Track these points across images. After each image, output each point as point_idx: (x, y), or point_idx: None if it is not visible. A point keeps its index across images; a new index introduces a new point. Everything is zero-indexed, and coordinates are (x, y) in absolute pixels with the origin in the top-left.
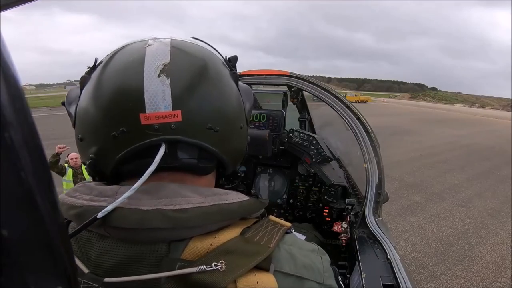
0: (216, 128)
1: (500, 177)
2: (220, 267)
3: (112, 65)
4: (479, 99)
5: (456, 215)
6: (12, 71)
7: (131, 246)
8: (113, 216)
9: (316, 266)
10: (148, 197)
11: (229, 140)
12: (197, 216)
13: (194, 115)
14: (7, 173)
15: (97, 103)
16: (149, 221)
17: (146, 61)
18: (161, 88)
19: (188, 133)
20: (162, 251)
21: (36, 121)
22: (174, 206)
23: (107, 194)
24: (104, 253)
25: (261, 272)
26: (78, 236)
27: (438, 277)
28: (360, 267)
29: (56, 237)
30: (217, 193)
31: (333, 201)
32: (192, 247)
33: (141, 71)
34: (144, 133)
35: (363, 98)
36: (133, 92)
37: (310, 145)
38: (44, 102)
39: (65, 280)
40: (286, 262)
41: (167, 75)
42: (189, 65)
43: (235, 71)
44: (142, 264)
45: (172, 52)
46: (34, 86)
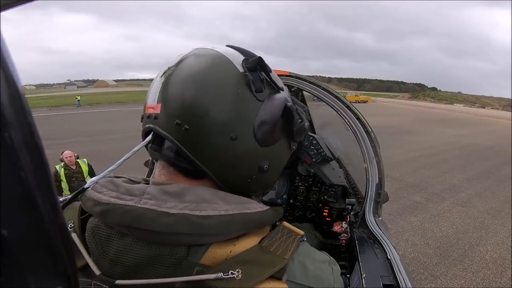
0: (186, 126)
1: (500, 177)
2: (237, 275)
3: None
4: (479, 99)
5: (456, 215)
6: (12, 71)
7: (152, 247)
8: (140, 218)
9: (326, 277)
10: (174, 200)
11: (206, 146)
12: (220, 224)
13: (168, 109)
14: (7, 173)
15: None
16: (174, 226)
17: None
18: (158, 86)
19: (163, 126)
20: (181, 254)
21: (36, 121)
22: (200, 212)
23: (134, 193)
24: (123, 252)
25: (275, 281)
26: (96, 230)
27: (438, 277)
28: (360, 267)
29: (56, 237)
30: (242, 201)
31: (333, 201)
32: (211, 253)
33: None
34: (146, 120)
35: (363, 98)
36: (150, 87)
37: (310, 145)
38: (44, 102)
39: (65, 280)
40: (298, 273)
41: (165, 76)
42: (184, 67)
43: (247, 73)
44: (161, 265)
45: (182, 58)
46: (34, 86)
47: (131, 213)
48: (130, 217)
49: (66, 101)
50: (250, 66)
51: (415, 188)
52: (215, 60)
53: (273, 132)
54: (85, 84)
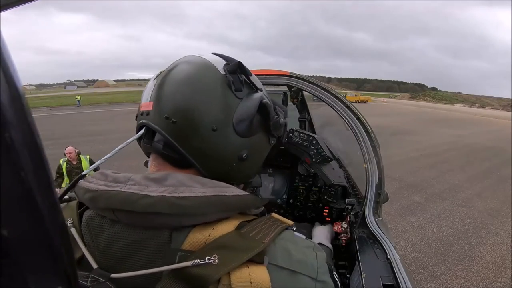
0: (173, 120)
1: (500, 177)
2: (213, 260)
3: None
4: (479, 99)
5: (456, 215)
6: (12, 71)
7: (137, 231)
8: (123, 200)
9: (310, 262)
10: (155, 184)
11: (192, 137)
12: (197, 205)
13: (159, 106)
14: (7, 173)
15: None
16: (154, 206)
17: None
18: (151, 86)
19: (154, 120)
20: (164, 238)
21: (36, 121)
22: (178, 194)
23: (120, 180)
24: (113, 239)
25: (255, 265)
26: (90, 221)
27: (438, 277)
28: (360, 267)
29: (56, 237)
30: (219, 185)
31: (333, 201)
32: (192, 238)
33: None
34: (140, 118)
35: (363, 98)
36: (144, 90)
37: (310, 145)
38: (44, 102)
39: (65, 280)
40: (281, 256)
41: (158, 78)
42: (173, 71)
43: (227, 75)
44: (146, 249)
45: (173, 64)
46: (34, 86)
47: (116, 197)
48: (115, 200)
49: (66, 101)
50: (231, 69)
51: (415, 188)
52: (201, 64)
53: (251, 125)
54: (85, 84)
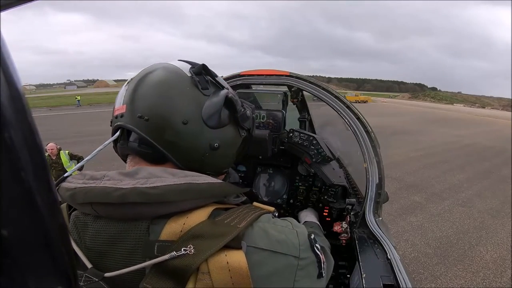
0: (146, 118)
1: (500, 177)
2: (189, 251)
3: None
4: (479, 99)
5: (456, 215)
6: (12, 71)
7: (118, 224)
8: (99, 194)
9: (290, 241)
10: (128, 178)
11: (165, 132)
12: (168, 192)
13: (131, 107)
14: (7, 173)
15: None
16: (126, 196)
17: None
18: (122, 91)
19: (128, 121)
20: (143, 229)
21: (36, 121)
22: (149, 184)
23: (96, 177)
24: (96, 234)
25: (232, 250)
26: (76, 220)
27: (438, 277)
28: (360, 267)
29: (56, 237)
30: (189, 174)
31: (333, 201)
32: (168, 228)
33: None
34: (114, 122)
35: (363, 98)
36: (117, 96)
37: (310, 145)
38: (44, 102)
39: (65, 280)
40: (260, 238)
41: (128, 84)
42: (142, 76)
43: (193, 76)
44: (126, 241)
45: (143, 71)
46: (34, 86)
47: (92, 191)
48: (91, 195)
49: (66, 101)
50: (196, 71)
51: (415, 188)
52: (168, 69)
53: (219, 117)
54: (85, 84)
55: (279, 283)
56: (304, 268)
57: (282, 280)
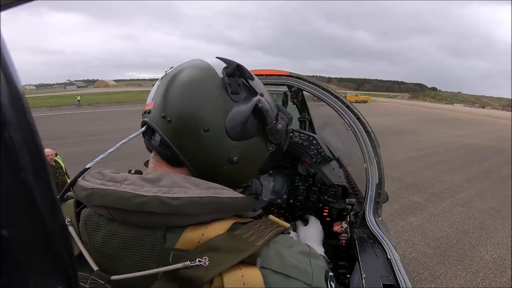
0: (168, 119)
1: (500, 177)
2: (204, 263)
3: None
4: (479, 99)
5: (456, 215)
6: (12, 71)
7: (133, 229)
8: (117, 198)
9: (303, 268)
10: (150, 185)
11: (185, 137)
12: (190, 205)
13: (157, 105)
14: (7, 173)
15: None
16: (146, 205)
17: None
18: (155, 87)
19: (153, 119)
20: (159, 237)
21: (36, 121)
22: (171, 194)
23: (116, 180)
24: (109, 237)
25: (248, 267)
26: (88, 220)
27: (438, 277)
28: (360, 267)
29: (56, 237)
30: (213, 187)
31: (333, 201)
32: (185, 237)
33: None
34: (143, 115)
35: (363, 98)
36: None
37: (310, 145)
38: (44, 102)
39: (65, 280)
40: (274, 260)
41: (161, 80)
42: (175, 73)
43: (224, 78)
44: (140, 247)
45: (178, 67)
46: (34, 86)
47: (111, 195)
48: (109, 198)
49: (66, 101)
50: (229, 72)
51: (415, 188)
52: (200, 67)
53: (244, 128)
54: (85, 84)
55: None
56: None
57: None
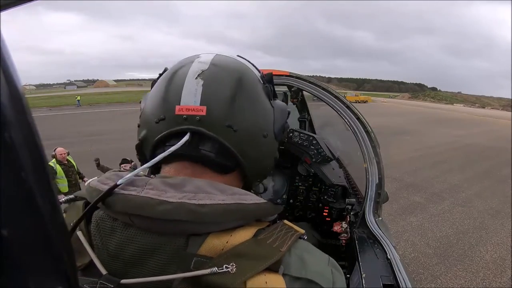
0: (235, 128)
1: (500, 177)
2: (231, 269)
3: (170, 70)
4: (479, 99)
5: (456, 215)
6: (12, 71)
7: (153, 236)
8: (141, 205)
9: (326, 275)
10: (174, 190)
11: (248, 144)
12: (217, 212)
13: (217, 112)
14: (7, 173)
15: (152, 96)
16: (172, 213)
17: (191, 67)
18: (195, 87)
19: (209, 127)
20: (180, 244)
21: (36, 121)
22: (197, 201)
23: (137, 184)
24: (126, 242)
25: (271, 273)
26: (101, 224)
27: (438, 277)
28: (360, 267)
29: (56, 237)
30: (237, 192)
31: (333, 201)
32: (209, 243)
33: (186, 75)
34: (177, 121)
35: (363, 98)
36: (176, 88)
37: (310, 145)
38: (44, 102)
39: (65, 280)
40: (296, 266)
41: (202, 78)
42: (222, 73)
43: (267, 85)
44: (161, 254)
45: (212, 62)
46: (34, 86)
47: (133, 202)
48: (131, 205)
49: (66, 101)
50: (267, 79)
51: (415, 188)
52: (247, 71)
53: (283, 130)
54: (85, 84)
55: None
56: None
57: None
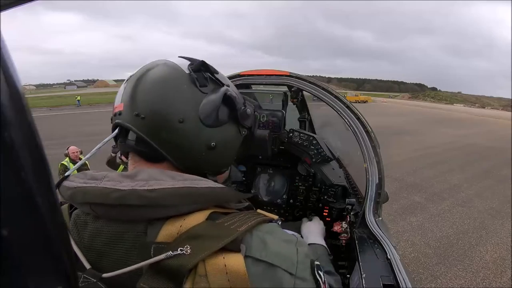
0: (142, 116)
1: (500, 177)
2: (185, 251)
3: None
4: (479, 99)
5: (456, 215)
6: (12, 71)
7: (116, 225)
8: (97, 194)
9: (288, 257)
10: (128, 180)
11: (162, 130)
12: (166, 196)
13: (129, 106)
14: (7, 173)
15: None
16: (125, 199)
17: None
18: (121, 89)
19: (125, 119)
20: (140, 231)
21: (36, 121)
22: (148, 187)
23: (96, 177)
24: (96, 234)
25: (230, 253)
26: (77, 219)
27: (438, 277)
28: (360, 267)
29: (56, 237)
30: (189, 178)
31: (333, 201)
32: (165, 230)
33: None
34: (112, 118)
35: (363, 98)
36: (117, 94)
37: (310, 145)
38: (44, 102)
39: (65, 280)
40: (257, 248)
41: (127, 81)
42: (141, 73)
43: (192, 74)
44: (123, 242)
45: (142, 68)
46: (34, 86)
47: (91, 192)
48: (90, 195)
49: (66, 101)
50: (194, 68)
51: (415, 188)
52: (166, 66)
53: (216, 115)
54: (85, 84)
55: None
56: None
57: None
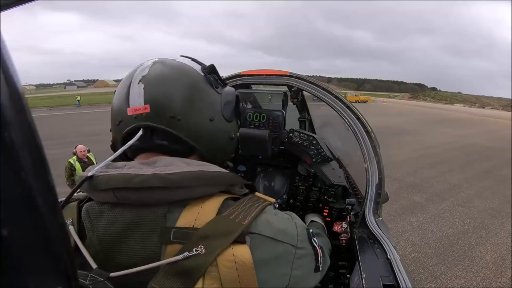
0: (178, 117)
1: (500, 177)
2: (200, 251)
3: (121, 81)
4: (479, 99)
5: (456, 215)
6: (12, 71)
7: (135, 209)
8: (121, 179)
9: (290, 231)
10: (148, 166)
11: (196, 128)
12: (184, 178)
13: (159, 108)
14: (7, 173)
15: (112, 105)
16: (147, 181)
17: (134, 75)
18: (138, 91)
19: (155, 121)
20: (160, 214)
21: (36, 121)
22: (168, 171)
23: (117, 166)
24: (113, 220)
25: (237, 244)
26: (90, 209)
27: (438, 277)
28: (360, 267)
29: (56, 237)
30: (202, 164)
31: (333, 201)
32: (183, 217)
33: (131, 82)
34: (130, 121)
35: (363, 98)
36: (126, 94)
37: (310, 145)
38: (44, 102)
39: (65, 280)
40: (264, 226)
41: (143, 83)
42: (159, 75)
43: (208, 76)
44: (142, 227)
45: (150, 68)
46: (34, 86)
47: (115, 178)
48: (114, 181)
49: (66, 101)
50: (208, 70)
51: (415, 188)
52: (184, 68)
53: (234, 112)
54: (85, 84)
55: (278, 269)
56: (301, 258)
57: (280, 266)
